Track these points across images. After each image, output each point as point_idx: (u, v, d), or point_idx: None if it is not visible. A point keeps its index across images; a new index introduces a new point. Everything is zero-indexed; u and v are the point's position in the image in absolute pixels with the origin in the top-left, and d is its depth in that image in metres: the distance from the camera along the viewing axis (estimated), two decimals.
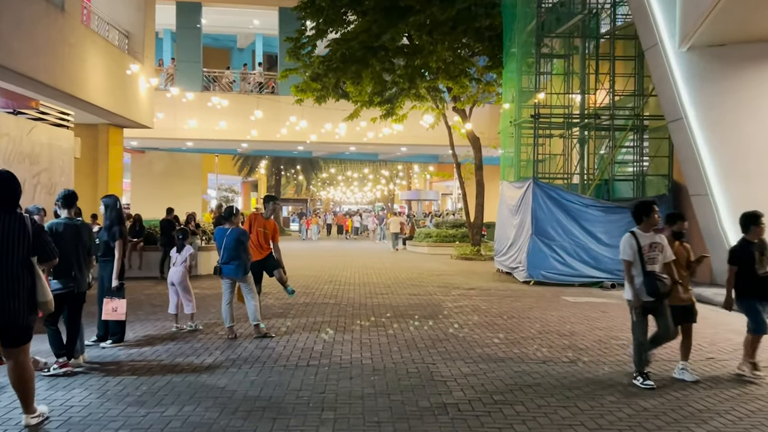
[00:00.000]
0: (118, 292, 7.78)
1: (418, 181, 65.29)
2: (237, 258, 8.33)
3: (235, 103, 29.17)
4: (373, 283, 14.96)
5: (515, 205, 16.81)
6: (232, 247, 8.34)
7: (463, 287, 14.55)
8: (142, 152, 39.18)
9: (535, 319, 10.16)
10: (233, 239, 8.35)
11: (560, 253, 15.30)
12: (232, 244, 8.33)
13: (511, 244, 16.97)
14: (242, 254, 8.33)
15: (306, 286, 14.29)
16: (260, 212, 9.46)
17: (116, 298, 7.74)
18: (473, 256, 22.91)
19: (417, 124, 28.39)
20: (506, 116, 18.86)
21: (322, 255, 24.88)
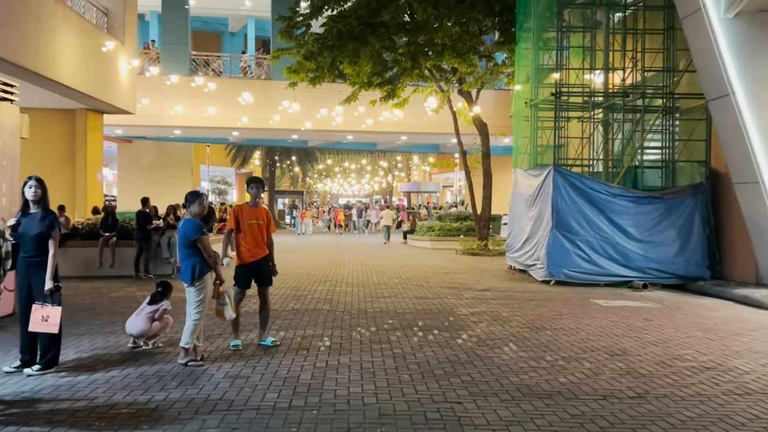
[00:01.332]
0: (51, 296, 6.03)
1: (417, 174, 63.54)
2: (187, 258, 6.56)
3: (223, 88, 27.33)
4: (373, 284, 13.22)
5: (531, 195, 15.05)
6: (180, 243, 6.57)
7: (475, 288, 12.82)
8: (129, 141, 37.36)
9: (571, 331, 8.42)
10: (180, 234, 6.59)
11: (584, 248, 13.56)
12: (180, 240, 6.56)
13: (527, 238, 15.22)
14: (194, 255, 6.54)
15: (297, 287, 12.54)
16: (246, 203, 7.64)
17: (48, 305, 5.99)
18: (480, 251, 21.18)
19: (418, 110, 26.67)
20: (519, 98, 17.08)
21: (317, 251, 23.12)
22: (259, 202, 7.54)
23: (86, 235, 15.05)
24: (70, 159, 21.92)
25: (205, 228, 6.79)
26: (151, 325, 7.11)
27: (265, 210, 7.52)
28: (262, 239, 7.38)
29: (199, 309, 6.49)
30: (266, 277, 7.47)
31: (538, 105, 15.54)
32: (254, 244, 7.30)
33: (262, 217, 7.39)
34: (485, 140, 21.73)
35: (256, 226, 7.32)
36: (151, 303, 7.25)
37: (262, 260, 7.37)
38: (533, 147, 15.73)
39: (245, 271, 7.33)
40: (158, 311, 7.20)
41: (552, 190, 13.69)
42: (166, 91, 27.31)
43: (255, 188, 7.43)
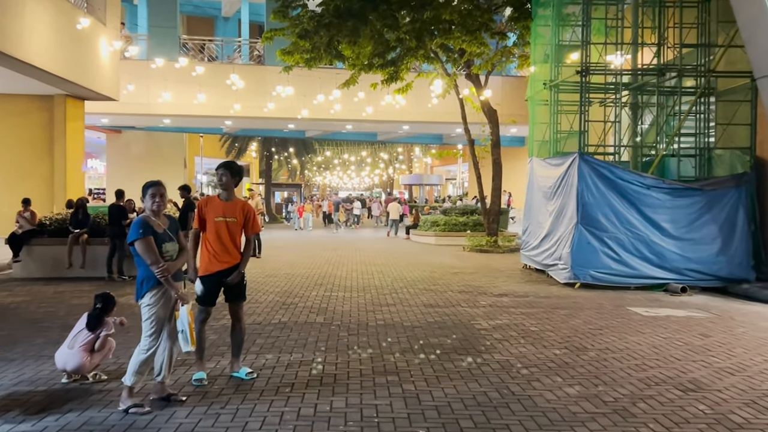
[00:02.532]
0: None
1: (419, 166, 61.85)
2: (139, 266, 5.01)
3: (214, 74, 25.69)
4: (375, 287, 11.63)
5: (551, 187, 13.45)
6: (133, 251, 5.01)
7: (491, 292, 11.23)
8: (119, 132, 35.75)
9: (620, 353, 6.84)
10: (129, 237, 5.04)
11: (614, 247, 11.98)
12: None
13: (546, 235, 13.62)
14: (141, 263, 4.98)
15: (287, 292, 10.94)
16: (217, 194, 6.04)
17: None
18: (490, 247, 19.60)
19: (421, 98, 25.06)
20: (536, 80, 15.45)
21: (314, 248, 21.52)
22: (234, 194, 5.93)
23: (54, 232, 13.48)
24: (48, 149, 20.35)
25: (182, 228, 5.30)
26: (88, 358, 5.51)
27: (242, 204, 5.90)
28: (234, 243, 5.77)
29: (149, 334, 4.91)
30: (238, 291, 5.86)
31: (558, 86, 13.93)
32: (221, 248, 5.69)
33: (235, 214, 5.78)
34: (495, 128, 20.11)
35: (226, 226, 5.71)
36: (90, 326, 5.63)
37: (233, 270, 5.76)
38: (553, 133, 14.12)
39: (210, 284, 5.72)
40: (98, 340, 5.59)
41: (577, 180, 12.10)
42: (153, 77, 25.65)
43: (221, 174, 5.81)
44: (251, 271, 13.88)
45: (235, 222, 5.78)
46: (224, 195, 5.86)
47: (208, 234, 5.69)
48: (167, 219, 5.31)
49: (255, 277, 12.96)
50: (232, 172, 5.83)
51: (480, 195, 20.99)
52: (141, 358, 4.88)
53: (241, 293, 5.86)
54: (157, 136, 36.40)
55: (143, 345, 4.89)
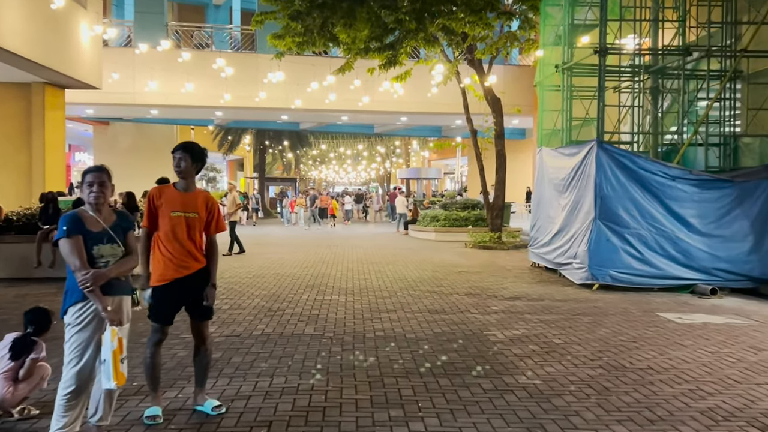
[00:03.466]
0: None
1: (416, 160, 60.65)
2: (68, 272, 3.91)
3: (203, 62, 24.50)
4: (372, 290, 10.50)
5: (564, 179, 12.32)
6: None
7: (501, 295, 10.12)
8: (106, 124, 34.52)
9: (666, 373, 5.73)
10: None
11: (636, 244, 10.86)
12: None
13: (559, 231, 12.51)
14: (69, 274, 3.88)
15: (275, 296, 9.80)
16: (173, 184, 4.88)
17: None
18: (494, 244, 18.49)
19: (420, 87, 23.93)
20: (545, 64, 14.30)
21: (307, 245, 20.37)
22: (194, 183, 4.79)
23: (22, 228, 12.33)
24: (25, 140, 19.11)
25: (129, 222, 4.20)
26: (11, 389, 4.37)
27: (204, 196, 4.77)
28: (195, 243, 4.63)
29: (72, 364, 3.78)
30: (203, 305, 4.72)
31: (572, 69, 12.81)
32: (180, 250, 4.54)
33: (196, 208, 4.64)
34: (499, 118, 18.97)
35: (185, 222, 4.57)
36: (14, 352, 4.48)
37: (195, 277, 4.61)
38: (565, 121, 13.00)
39: (167, 296, 4.55)
40: (24, 367, 4.45)
41: (594, 171, 10.97)
42: (138, 65, 24.46)
43: (178, 159, 4.65)
44: (236, 271, 12.73)
45: (197, 218, 4.64)
46: (182, 184, 4.71)
47: (161, 233, 4.55)
48: (115, 215, 4.18)
49: (241, 277, 11.83)
50: (192, 155, 4.68)
51: (483, 188, 19.86)
52: (63, 398, 3.75)
53: (208, 308, 4.71)
54: (146, 128, 35.18)
55: (64, 379, 3.76)
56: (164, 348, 4.86)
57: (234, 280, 11.55)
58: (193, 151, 4.70)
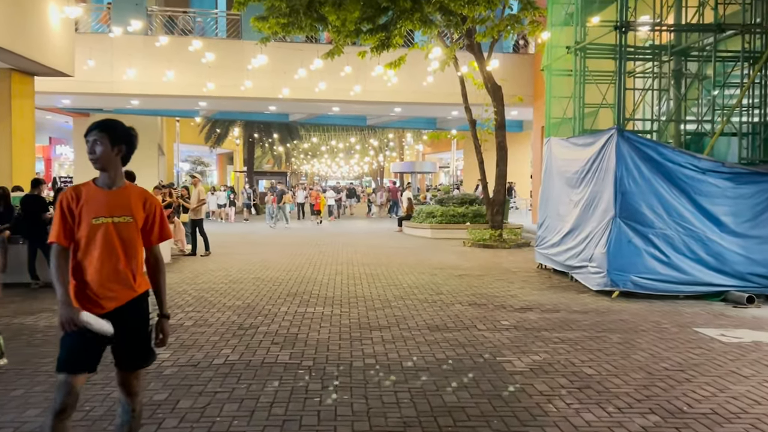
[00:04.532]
0: None
1: (410, 154, 59.24)
2: None
3: (185, 49, 23.08)
4: (363, 299, 9.19)
5: (577, 171, 11.03)
6: None
7: (510, 304, 8.83)
8: (87, 115, 32.94)
9: (737, 420, 4.45)
10: None
11: (661, 246, 9.60)
12: None
13: (571, 230, 11.23)
14: None
15: (250, 307, 8.46)
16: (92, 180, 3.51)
17: None
18: (494, 242, 17.22)
19: (415, 76, 22.59)
20: (553, 46, 13.00)
21: (295, 244, 19.04)
22: (122, 176, 3.46)
23: None
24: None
25: None
26: None
27: (138, 193, 3.46)
28: (130, 261, 3.34)
29: None
30: (138, 349, 3.40)
31: (585, 49, 11.51)
32: (108, 270, 3.26)
33: (129, 210, 3.36)
34: (500, 107, 17.66)
35: (113, 231, 3.29)
36: None
37: (127, 309, 3.32)
38: (578, 108, 11.70)
39: (80, 339, 3.19)
40: None
41: (614, 163, 9.68)
42: (117, 52, 23.03)
43: (92, 142, 3.34)
44: (212, 275, 11.37)
45: (130, 223, 3.33)
46: (104, 179, 3.39)
47: (81, 250, 3.23)
48: None
49: (215, 283, 10.50)
50: (112, 136, 3.36)
51: (483, 183, 18.56)
52: None
53: (145, 351, 3.40)
54: (128, 120, 33.23)
55: None
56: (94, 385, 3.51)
57: (207, 286, 10.22)
58: (112, 129, 3.38)
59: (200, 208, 14.83)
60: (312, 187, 37.58)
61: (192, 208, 14.77)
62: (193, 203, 14.82)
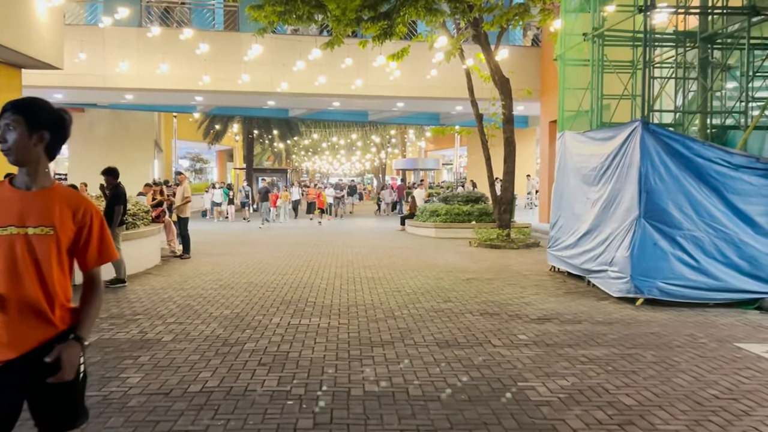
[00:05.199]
0: None
1: (412, 150, 58.38)
2: None
3: (179, 41, 22.31)
4: (364, 307, 8.37)
5: (596, 168, 10.20)
6: None
7: (526, 314, 8.01)
8: (81, 110, 32.16)
9: None
10: None
11: (690, 249, 8.77)
12: None
13: (588, 231, 10.41)
14: None
15: (238, 318, 7.65)
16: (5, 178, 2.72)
17: None
18: (502, 242, 16.40)
19: (418, 70, 21.85)
20: (567, 34, 12.16)
21: (292, 244, 18.24)
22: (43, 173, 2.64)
23: None
24: None
25: None
26: None
27: (66, 197, 2.64)
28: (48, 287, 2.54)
29: None
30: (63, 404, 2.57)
31: (603, 36, 10.67)
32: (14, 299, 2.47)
33: (50, 218, 2.55)
34: (507, 100, 16.83)
35: (25, 244, 2.50)
36: None
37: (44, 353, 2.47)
38: (595, 99, 10.86)
39: None
40: None
41: (639, 159, 8.85)
42: (109, 44, 22.21)
43: (3, 126, 2.55)
44: (203, 279, 10.54)
45: (49, 236, 2.51)
46: (21, 176, 2.59)
47: None
48: None
49: (204, 288, 9.69)
50: (31, 119, 2.56)
51: (489, 180, 17.73)
52: None
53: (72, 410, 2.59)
54: (124, 115, 32.91)
55: None
56: None
57: (194, 292, 9.41)
58: (29, 111, 2.58)
59: (185, 206, 13.96)
60: (310, 184, 36.59)
61: (176, 207, 13.94)
62: (178, 201, 13.98)
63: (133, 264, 11.45)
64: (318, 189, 28.86)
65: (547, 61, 23.92)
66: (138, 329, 6.99)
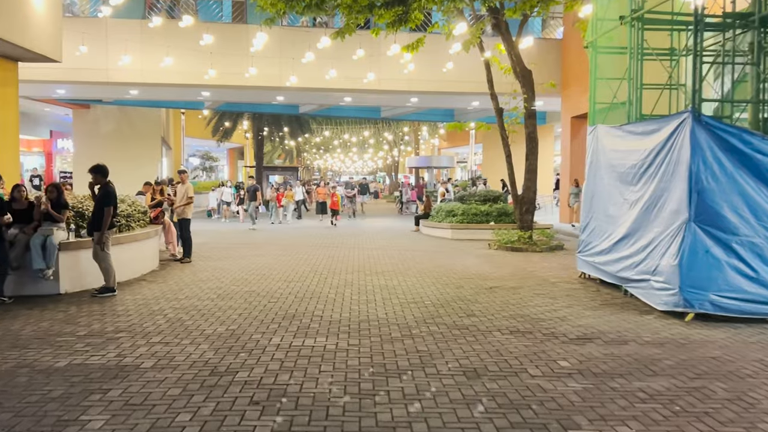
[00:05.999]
0: None
1: (425, 148, 57.27)
2: None
3: (183, 33, 21.45)
4: (377, 323, 7.38)
5: (636, 165, 9.15)
6: None
7: (562, 331, 6.99)
8: (87, 107, 31.43)
9: None
10: None
11: (748, 258, 7.74)
12: None
13: (626, 236, 9.36)
14: None
15: (233, 337, 6.67)
16: None
17: None
18: (524, 245, 15.35)
19: (433, 63, 20.90)
20: (600, 19, 11.09)
21: (300, 246, 17.29)
22: None
23: None
24: None
25: None
26: None
27: None
28: None
29: None
30: None
31: (643, 19, 9.61)
32: None
33: None
34: (530, 93, 15.78)
35: None
36: None
37: None
38: (634, 89, 9.80)
39: None
40: None
41: (689, 155, 7.81)
42: (112, 37, 21.34)
43: None
44: (201, 286, 9.54)
45: None
46: None
47: None
48: None
49: (201, 298, 8.73)
50: None
51: (510, 178, 16.67)
52: None
53: None
54: (130, 112, 32.08)
55: None
56: None
57: (189, 303, 8.46)
58: None
59: (187, 207, 12.97)
60: (320, 183, 35.49)
61: (175, 207, 12.97)
62: (178, 201, 13.00)
63: (126, 270, 10.53)
64: (332, 188, 27.70)
65: (569, 54, 22.82)
66: (116, 351, 6.04)
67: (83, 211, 10.04)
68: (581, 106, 22.11)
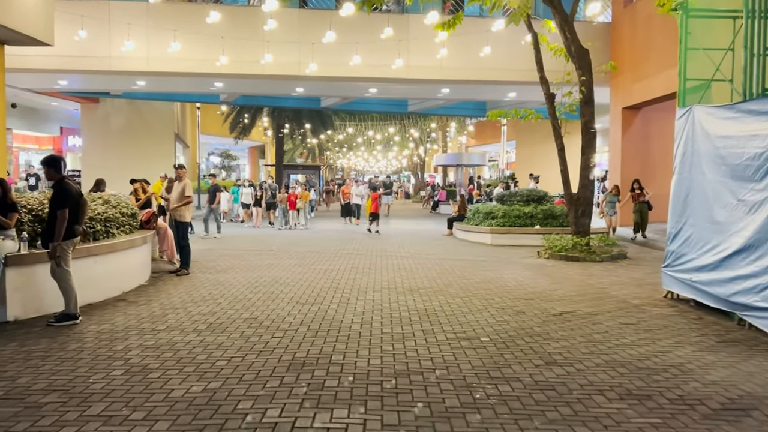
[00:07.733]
0: None
1: (452, 146, 54.85)
2: None
3: (192, 17, 19.48)
4: (417, 378, 5.19)
5: (756, 156, 6.85)
6: None
7: (696, 396, 4.75)
8: (96, 101, 29.63)
9: None
10: None
11: None
12: None
13: (742, 248, 7.06)
14: None
15: (209, 404, 4.51)
16: None
17: None
18: (581, 254, 13.08)
19: (468, 47, 18.68)
20: None
21: (317, 253, 15.15)
22: None
23: None
24: None
25: None
26: None
27: None
28: None
29: None
30: None
31: None
32: None
33: None
34: (587, 76, 13.48)
35: None
36: None
37: None
38: (749, 59, 7.50)
39: None
40: None
41: None
42: (115, 21, 19.39)
43: None
44: (193, 310, 7.30)
45: None
46: None
47: None
48: None
49: (183, 330, 6.58)
50: None
51: (563, 176, 14.33)
52: None
53: None
54: (141, 106, 30.28)
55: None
56: None
57: (167, 339, 6.32)
58: None
59: (185, 209, 10.74)
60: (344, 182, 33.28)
61: (172, 208, 10.80)
62: (173, 202, 10.80)
63: (101, 288, 8.46)
64: (370, 189, 25.13)
65: (619, 39, 20.45)
66: None
67: (43, 215, 7.95)
68: (634, 95, 19.73)
